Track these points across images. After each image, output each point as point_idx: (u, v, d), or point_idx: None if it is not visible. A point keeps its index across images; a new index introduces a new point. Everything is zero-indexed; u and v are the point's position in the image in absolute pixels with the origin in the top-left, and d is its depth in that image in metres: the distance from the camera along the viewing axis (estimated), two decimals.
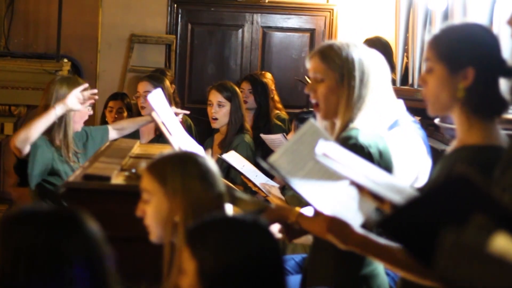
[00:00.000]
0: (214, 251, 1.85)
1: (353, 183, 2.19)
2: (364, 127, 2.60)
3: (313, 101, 2.69)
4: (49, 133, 4.15)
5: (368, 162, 2.24)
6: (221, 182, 2.36)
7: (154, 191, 2.31)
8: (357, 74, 2.62)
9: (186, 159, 2.34)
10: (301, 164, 2.25)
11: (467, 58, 2.13)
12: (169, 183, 2.28)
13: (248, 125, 5.11)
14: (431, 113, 2.24)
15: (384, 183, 2.12)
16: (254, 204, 2.77)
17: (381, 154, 2.58)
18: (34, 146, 4.08)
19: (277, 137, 4.87)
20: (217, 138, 5.13)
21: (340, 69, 2.63)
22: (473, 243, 1.14)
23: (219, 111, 4.99)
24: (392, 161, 2.63)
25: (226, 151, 4.80)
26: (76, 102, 4.11)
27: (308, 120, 2.41)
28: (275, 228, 3.39)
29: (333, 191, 2.24)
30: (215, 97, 5.00)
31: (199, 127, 6.26)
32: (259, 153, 4.97)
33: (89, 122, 4.89)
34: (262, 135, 5.06)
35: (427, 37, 2.25)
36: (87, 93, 4.17)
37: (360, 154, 2.39)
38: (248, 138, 4.98)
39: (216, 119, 5.00)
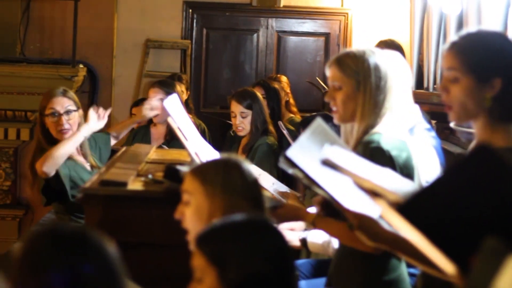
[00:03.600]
0: (237, 257, 1.86)
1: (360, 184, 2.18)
2: (387, 132, 2.62)
3: (333, 108, 2.72)
4: None
5: (389, 167, 2.25)
6: (261, 190, 2.38)
7: (194, 191, 2.32)
8: (373, 80, 2.65)
9: (230, 164, 2.36)
10: (315, 161, 2.24)
11: (496, 70, 2.19)
12: (209, 182, 2.31)
13: (272, 128, 5.10)
14: (455, 121, 2.29)
15: (393, 184, 2.11)
16: (268, 200, 2.77)
17: (403, 159, 2.60)
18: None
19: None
20: (243, 142, 5.13)
21: (356, 76, 2.66)
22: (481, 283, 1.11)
23: (244, 121, 4.99)
24: (414, 168, 2.64)
25: (248, 154, 4.81)
26: (96, 122, 4.18)
27: (316, 119, 2.41)
28: (295, 235, 3.37)
29: (347, 187, 2.23)
30: (237, 108, 4.99)
31: (215, 131, 6.27)
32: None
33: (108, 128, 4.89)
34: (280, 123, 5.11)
35: (445, 45, 2.28)
36: (103, 111, 4.25)
37: (381, 158, 2.40)
38: (271, 139, 4.97)
39: (241, 128, 5.01)
